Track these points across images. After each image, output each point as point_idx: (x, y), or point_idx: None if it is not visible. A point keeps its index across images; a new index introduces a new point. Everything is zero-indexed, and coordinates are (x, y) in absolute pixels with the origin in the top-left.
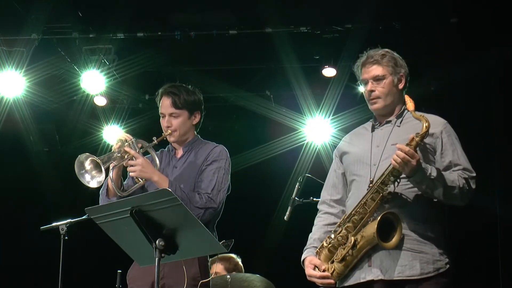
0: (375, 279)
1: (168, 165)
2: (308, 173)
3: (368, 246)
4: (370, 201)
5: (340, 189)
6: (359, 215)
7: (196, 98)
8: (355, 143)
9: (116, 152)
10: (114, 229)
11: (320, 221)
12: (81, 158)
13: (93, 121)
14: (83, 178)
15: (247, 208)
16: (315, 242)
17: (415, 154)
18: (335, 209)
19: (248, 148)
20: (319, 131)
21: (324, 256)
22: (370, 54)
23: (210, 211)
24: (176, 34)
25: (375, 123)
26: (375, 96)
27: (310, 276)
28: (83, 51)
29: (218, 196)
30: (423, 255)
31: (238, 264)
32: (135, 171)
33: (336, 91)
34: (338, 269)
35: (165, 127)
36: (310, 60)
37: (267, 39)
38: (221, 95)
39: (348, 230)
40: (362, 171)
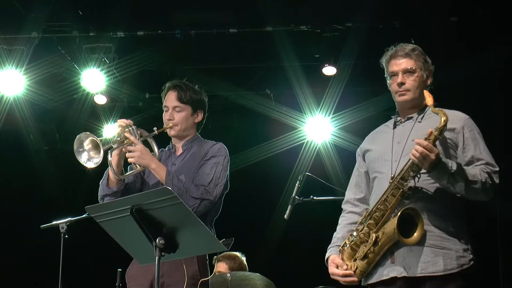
0: (398, 276)
1: (167, 162)
2: (308, 171)
3: (390, 243)
4: (391, 197)
5: (363, 187)
6: (380, 212)
7: (202, 98)
8: (376, 141)
9: (116, 136)
10: (114, 228)
11: (344, 220)
12: (82, 137)
13: (93, 120)
14: (80, 156)
15: (248, 206)
16: (338, 241)
17: (433, 148)
18: (358, 208)
19: (248, 147)
20: (319, 129)
21: (347, 254)
22: (400, 47)
23: (206, 203)
24: (176, 33)
25: (397, 120)
26: (405, 89)
27: (333, 275)
28: (83, 50)
29: (215, 189)
30: (446, 251)
31: (242, 263)
32: (133, 156)
33: (336, 89)
34: (361, 267)
35: (166, 120)
36: (310, 59)
37: (267, 38)
38: (221, 94)
39: (369, 227)
40: (384, 168)
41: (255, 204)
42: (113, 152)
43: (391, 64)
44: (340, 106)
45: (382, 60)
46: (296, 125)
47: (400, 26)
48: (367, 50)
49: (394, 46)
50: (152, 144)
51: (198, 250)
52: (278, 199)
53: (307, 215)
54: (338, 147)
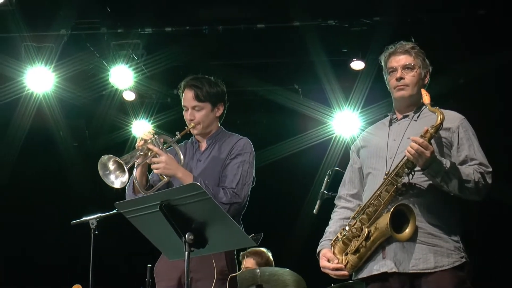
0: (389, 271)
1: (192, 159)
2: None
3: (382, 238)
4: (384, 193)
5: (356, 183)
6: (373, 207)
7: (219, 90)
8: (372, 138)
9: (139, 150)
10: (144, 223)
11: (337, 215)
12: (104, 160)
13: (122, 116)
14: (108, 179)
15: (276, 201)
16: (330, 235)
17: (429, 146)
18: (351, 204)
19: (276, 142)
20: (347, 124)
21: (339, 248)
22: (400, 45)
23: (235, 206)
24: (204, 29)
25: (393, 118)
26: (404, 84)
27: (324, 268)
28: (111, 46)
29: (242, 190)
30: (438, 249)
31: (269, 258)
32: (159, 168)
33: (364, 84)
34: (352, 261)
35: (188, 120)
36: (338, 53)
37: (295, 33)
38: (249, 89)
39: (362, 222)
40: (379, 164)
41: (283, 199)
42: (138, 168)
43: (390, 61)
44: (368, 100)
45: (381, 58)
46: (324, 120)
47: (428, 20)
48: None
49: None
50: (176, 149)
51: (227, 245)
52: (306, 194)
53: None
54: None
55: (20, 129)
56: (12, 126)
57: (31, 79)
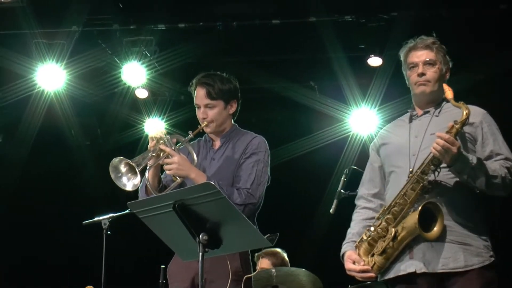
0: (418, 272)
1: (206, 158)
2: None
3: (409, 238)
4: (410, 192)
5: (377, 182)
6: (399, 206)
7: (232, 86)
8: (392, 135)
9: (151, 151)
10: (157, 224)
11: (358, 216)
12: (115, 162)
13: (134, 114)
14: (120, 181)
15: (292, 201)
16: (353, 237)
17: (455, 142)
18: (372, 204)
19: (292, 140)
20: (364, 122)
21: (364, 249)
22: (421, 40)
23: (250, 207)
24: (218, 25)
25: (413, 114)
26: (425, 79)
27: (349, 270)
28: (123, 43)
29: (257, 190)
30: (467, 247)
31: (284, 259)
32: (171, 169)
33: (382, 81)
34: (379, 262)
35: (201, 119)
36: (355, 50)
37: (311, 29)
38: (264, 86)
39: (388, 221)
40: (401, 162)
41: (299, 198)
42: (150, 170)
43: (411, 56)
44: (386, 97)
45: (401, 53)
46: (341, 118)
47: (447, 15)
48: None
49: (414, 39)
50: (189, 148)
51: (242, 245)
52: (323, 193)
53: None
54: None
55: (30, 127)
56: (22, 124)
57: (42, 76)
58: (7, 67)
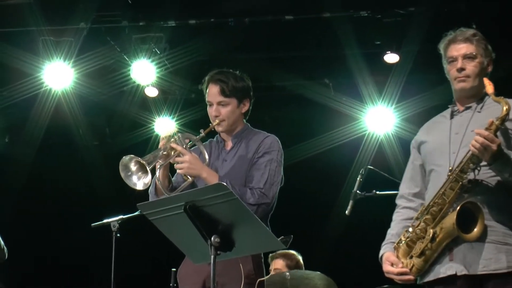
0: (458, 274)
1: (218, 158)
2: (370, 165)
3: (448, 239)
4: (449, 191)
5: (418, 181)
6: (438, 206)
7: (245, 85)
8: (433, 132)
9: (162, 149)
10: (168, 226)
11: (399, 216)
12: (125, 161)
13: (144, 113)
14: (130, 180)
15: (306, 202)
16: (393, 238)
17: (495, 139)
18: (413, 203)
19: (306, 139)
20: (381, 120)
21: (403, 251)
22: (460, 32)
23: (263, 207)
24: (230, 21)
25: (454, 110)
26: (465, 75)
27: (387, 273)
28: (133, 40)
29: (270, 190)
30: (509, 247)
31: (299, 262)
32: (183, 168)
33: (399, 78)
34: (417, 264)
35: (213, 117)
36: (371, 46)
37: (325, 25)
38: (277, 84)
39: (426, 222)
40: (441, 160)
41: (313, 199)
42: (160, 168)
43: (450, 49)
44: (403, 95)
45: (440, 45)
46: (357, 116)
47: (466, 10)
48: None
49: (454, 31)
50: (201, 148)
51: (255, 248)
52: (338, 194)
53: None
54: (401, 139)
55: (37, 127)
56: (29, 124)
57: (49, 75)
58: (13, 65)
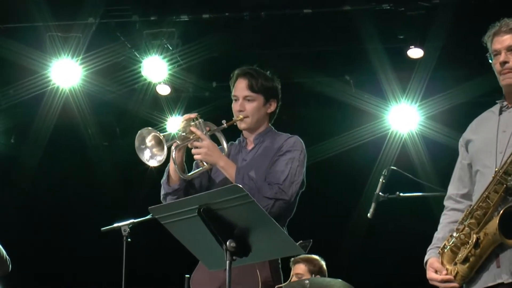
0: (505, 282)
1: (237, 157)
2: (393, 165)
3: (493, 245)
4: (493, 194)
5: (466, 182)
6: (482, 210)
7: (274, 85)
8: (480, 129)
9: (181, 131)
10: (181, 230)
11: (445, 218)
12: (143, 133)
13: (155, 112)
14: (142, 154)
15: (326, 204)
16: (438, 242)
17: None
18: (462, 205)
19: (326, 138)
20: (405, 118)
21: (447, 257)
22: (504, 23)
23: (280, 203)
24: (245, 15)
25: (503, 105)
26: (508, 68)
27: (431, 280)
28: (144, 36)
29: (290, 188)
30: None
31: (322, 267)
32: (200, 153)
33: (423, 74)
34: (462, 272)
35: (236, 111)
36: (394, 40)
37: (345, 18)
38: (295, 81)
39: (470, 227)
40: (487, 160)
41: (334, 202)
42: (177, 149)
43: (494, 42)
44: (428, 92)
45: (485, 38)
46: (379, 114)
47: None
48: (457, 29)
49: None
50: (221, 139)
51: (272, 253)
52: (359, 196)
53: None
54: (426, 138)
55: (44, 127)
56: (36, 123)
57: (56, 72)
58: (19, 63)
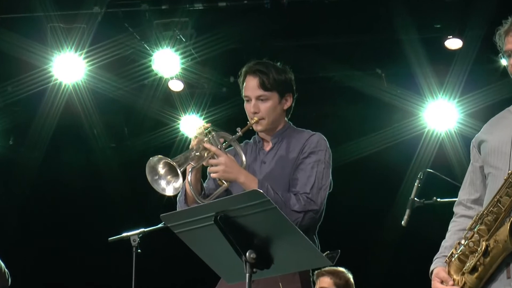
0: None
1: (255, 160)
2: (430, 167)
3: (504, 253)
4: (505, 198)
5: (478, 186)
6: (493, 215)
7: (287, 78)
8: (494, 130)
9: (194, 150)
10: (196, 240)
11: (454, 226)
12: (152, 162)
13: (167, 110)
14: (158, 185)
15: (355, 211)
16: (446, 251)
17: None
18: (472, 211)
19: (355, 138)
20: (442, 116)
21: (455, 266)
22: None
23: (311, 215)
24: (266, 3)
25: None
26: None
27: None
28: (154, 26)
29: (318, 195)
30: None
31: (349, 280)
32: (217, 171)
33: (462, 67)
34: (470, 282)
35: (250, 114)
36: (430, 30)
37: (376, 6)
38: (321, 75)
39: (480, 234)
40: (500, 162)
41: (364, 208)
42: (192, 171)
43: (506, 42)
44: (467, 87)
45: (496, 37)
46: (414, 111)
47: None
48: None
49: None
50: (237, 149)
51: (297, 265)
52: (392, 201)
53: (429, 221)
54: (465, 137)
55: (45, 127)
56: (36, 123)
57: (58, 67)
58: (18, 57)
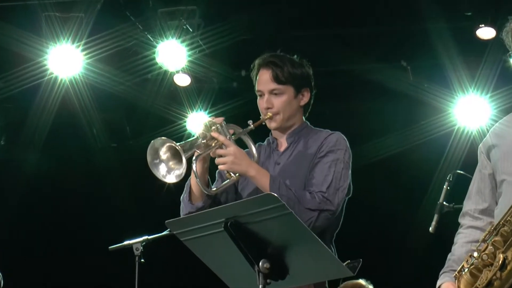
0: None
1: (269, 162)
2: (460, 168)
3: None
4: None
5: (487, 195)
6: (510, 226)
7: (304, 71)
8: (505, 134)
9: (201, 138)
10: (204, 248)
11: (462, 238)
12: (156, 144)
13: (173, 107)
14: (157, 169)
15: (378, 216)
16: (454, 264)
17: None
18: (481, 222)
19: (378, 137)
20: (474, 112)
21: (465, 281)
22: None
23: (326, 215)
24: None
25: None
26: None
27: None
28: (158, 15)
29: (335, 196)
30: None
31: None
32: (225, 162)
33: (496, 58)
34: None
35: (263, 109)
36: (459, 18)
37: None
38: (342, 68)
39: (495, 245)
40: None
41: (387, 212)
42: (198, 159)
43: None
44: (501, 80)
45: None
46: (443, 107)
47: None
48: None
49: None
50: (248, 143)
51: (315, 276)
52: (419, 205)
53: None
54: None
55: (40, 125)
56: (30, 120)
57: (54, 59)
58: (11, 48)
